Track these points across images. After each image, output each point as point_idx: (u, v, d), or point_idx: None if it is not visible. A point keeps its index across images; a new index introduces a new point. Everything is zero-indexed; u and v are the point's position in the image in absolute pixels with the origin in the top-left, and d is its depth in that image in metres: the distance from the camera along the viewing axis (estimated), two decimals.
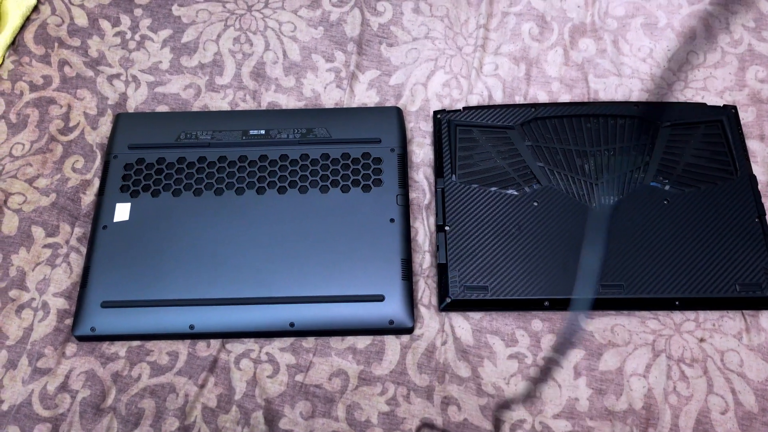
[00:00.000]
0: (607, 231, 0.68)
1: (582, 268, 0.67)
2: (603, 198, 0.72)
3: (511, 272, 0.68)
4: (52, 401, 0.65)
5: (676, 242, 0.69)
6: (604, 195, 0.72)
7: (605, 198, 0.72)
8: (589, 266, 0.66)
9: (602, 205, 0.71)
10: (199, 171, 0.74)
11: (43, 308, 0.69)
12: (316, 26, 0.85)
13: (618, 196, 0.72)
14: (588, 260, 0.66)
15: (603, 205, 0.71)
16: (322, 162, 0.74)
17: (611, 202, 0.71)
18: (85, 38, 0.84)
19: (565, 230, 0.70)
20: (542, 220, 0.71)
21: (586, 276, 0.66)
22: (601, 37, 0.84)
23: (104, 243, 0.70)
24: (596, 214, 0.66)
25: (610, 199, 0.72)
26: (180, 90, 0.82)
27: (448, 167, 0.74)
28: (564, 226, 0.70)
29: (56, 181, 0.75)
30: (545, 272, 0.68)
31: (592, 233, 0.66)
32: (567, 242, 0.69)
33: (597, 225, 0.64)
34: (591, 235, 0.66)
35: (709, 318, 0.68)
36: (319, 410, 0.64)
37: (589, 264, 0.66)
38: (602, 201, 0.71)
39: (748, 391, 0.64)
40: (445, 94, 0.81)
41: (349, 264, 0.68)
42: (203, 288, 0.67)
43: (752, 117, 0.78)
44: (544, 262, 0.69)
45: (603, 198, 0.72)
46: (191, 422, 0.64)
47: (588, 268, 0.66)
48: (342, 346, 0.67)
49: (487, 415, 0.64)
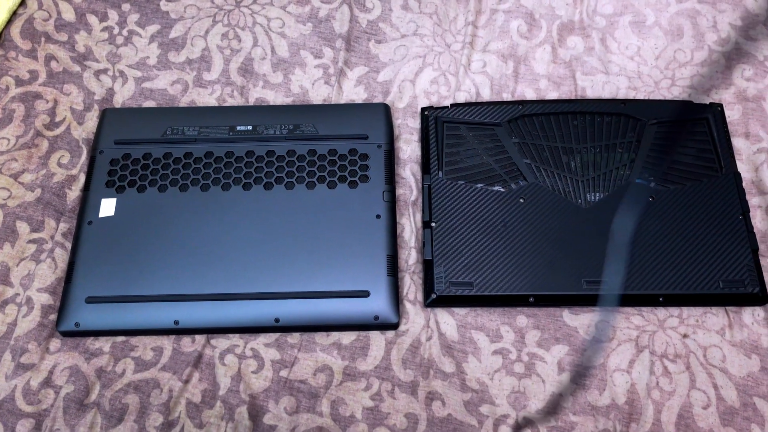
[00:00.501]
0: (633, 236, 0.68)
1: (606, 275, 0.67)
2: (589, 195, 0.72)
3: (496, 268, 0.68)
4: (35, 397, 0.64)
5: (660, 239, 0.69)
6: (590, 191, 0.72)
7: (591, 195, 0.72)
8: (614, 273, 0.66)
9: (588, 201, 0.71)
10: (186, 166, 0.74)
11: (27, 303, 0.68)
12: (305, 22, 0.85)
13: (604, 193, 0.72)
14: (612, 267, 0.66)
15: (589, 201, 0.71)
16: (309, 158, 0.74)
17: (597, 199, 0.72)
18: (72, 33, 0.84)
19: (551, 227, 0.70)
20: (528, 216, 0.71)
21: (612, 282, 0.66)
22: (589, 34, 0.84)
23: (89, 238, 0.70)
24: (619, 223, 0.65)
25: (596, 196, 0.72)
26: (167, 85, 0.81)
27: (435, 164, 0.74)
28: (550, 222, 0.71)
29: (42, 177, 0.75)
30: (530, 268, 0.68)
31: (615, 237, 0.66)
32: (552, 239, 0.70)
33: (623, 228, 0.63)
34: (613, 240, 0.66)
35: (692, 314, 0.68)
36: (303, 405, 0.64)
37: (615, 271, 0.66)
38: (588, 198, 0.72)
39: (730, 387, 0.65)
40: (433, 91, 0.81)
41: (334, 260, 0.68)
42: (188, 283, 0.67)
43: (738, 115, 0.79)
44: (529, 258, 0.69)
45: (589, 195, 0.72)
46: (175, 417, 0.64)
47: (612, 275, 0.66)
48: (327, 341, 0.67)
49: (471, 410, 0.64)
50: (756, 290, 0.67)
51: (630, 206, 0.70)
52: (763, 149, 0.76)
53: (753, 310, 0.68)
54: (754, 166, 0.75)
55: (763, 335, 0.67)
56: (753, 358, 0.66)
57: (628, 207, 0.69)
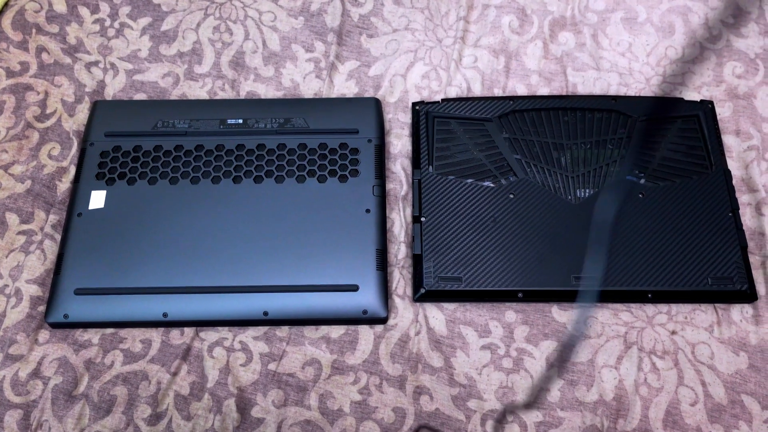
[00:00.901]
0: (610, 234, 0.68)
1: (586, 271, 0.67)
2: (578, 191, 0.72)
3: (485, 264, 0.69)
4: (23, 387, 0.64)
5: (649, 235, 0.70)
6: (580, 188, 0.72)
7: (581, 191, 0.72)
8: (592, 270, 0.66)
9: (578, 197, 0.71)
10: (176, 159, 0.74)
11: (16, 295, 0.68)
12: (297, 16, 0.85)
13: (594, 189, 0.72)
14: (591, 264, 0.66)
15: (579, 197, 0.71)
16: (299, 152, 0.74)
17: (586, 195, 0.72)
18: (64, 25, 0.84)
19: (541, 222, 0.70)
20: (518, 212, 0.71)
21: (590, 279, 0.66)
22: (581, 30, 0.84)
23: (79, 230, 0.70)
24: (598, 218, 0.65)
25: (586, 192, 0.72)
26: (158, 78, 0.81)
27: (425, 158, 0.74)
28: (539, 218, 0.71)
29: (32, 168, 0.75)
30: (520, 264, 0.68)
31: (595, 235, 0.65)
32: (542, 234, 0.70)
33: (601, 225, 0.63)
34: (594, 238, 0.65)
35: (681, 311, 0.69)
36: (291, 399, 0.64)
37: (593, 269, 0.66)
38: (578, 194, 0.72)
39: (718, 384, 0.65)
40: (424, 85, 0.81)
41: (324, 254, 0.68)
42: (177, 276, 0.67)
43: (729, 112, 0.79)
44: (518, 254, 0.69)
45: (578, 191, 0.72)
46: (163, 410, 0.64)
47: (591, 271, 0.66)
48: (316, 335, 0.67)
49: (459, 405, 0.64)
50: (744, 287, 0.67)
51: (617, 201, 0.70)
52: (754, 147, 0.76)
53: (742, 307, 0.69)
54: (744, 163, 0.76)
55: (751, 332, 0.67)
56: (741, 356, 0.66)
57: (613, 200, 0.68)
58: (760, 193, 0.74)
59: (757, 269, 0.70)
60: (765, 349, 0.67)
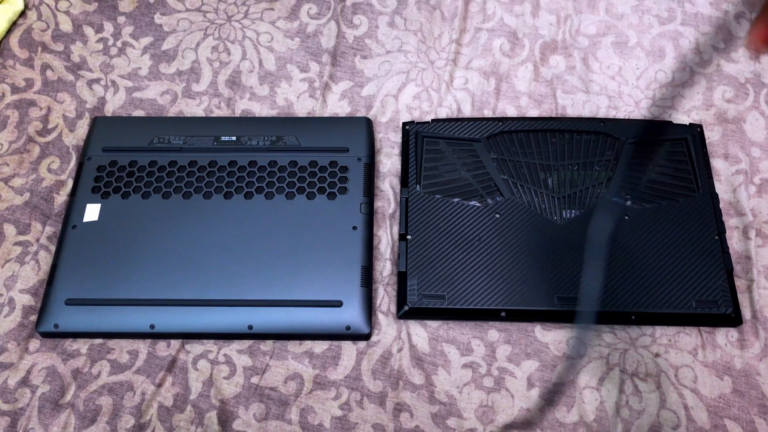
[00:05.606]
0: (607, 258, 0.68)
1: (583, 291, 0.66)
2: (564, 212, 0.72)
3: (469, 282, 0.69)
4: (12, 395, 0.66)
5: (635, 257, 0.70)
6: (566, 208, 0.73)
7: (567, 212, 0.72)
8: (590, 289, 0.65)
9: (563, 218, 0.72)
10: (170, 174, 0.75)
11: (9, 304, 0.70)
12: (293, 37, 0.87)
13: (579, 210, 0.72)
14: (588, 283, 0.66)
15: (564, 218, 0.72)
16: (290, 169, 0.76)
17: (572, 215, 0.72)
18: (69, 43, 0.87)
19: (526, 242, 0.71)
20: (503, 231, 0.72)
21: (588, 300, 0.65)
22: (572, 54, 0.85)
23: (72, 242, 0.71)
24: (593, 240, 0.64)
25: (572, 213, 0.72)
26: (157, 95, 0.84)
27: (414, 177, 0.75)
28: (525, 238, 0.71)
29: (31, 181, 0.77)
30: (503, 283, 0.69)
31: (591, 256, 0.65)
32: (527, 254, 0.70)
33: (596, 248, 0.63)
34: (590, 257, 0.65)
35: (665, 333, 0.68)
36: (272, 413, 0.65)
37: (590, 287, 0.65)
38: (563, 214, 0.72)
39: (701, 408, 0.65)
40: (416, 106, 0.82)
41: (309, 269, 0.69)
42: (165, 289, 0.69)
43: (718, 136, 0.79)
44: (502, 273, 0.69)
45: (564, 212, 0.72)
46: (147, 420, 0.65)
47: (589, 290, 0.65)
48: (299, 350, 0.68)
49: (438, 423, 0.64)
50: (729, 311, 0.67)
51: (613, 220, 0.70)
52: (742, 170, 0.76)
53: (726, 331, 0.68)
54: (732, 187, 0.76)
55: (735, 356, 0.67)
56: (725, 380, 0.66)
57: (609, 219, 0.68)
58: (748, 216, 0.74)
59: (743, 293, 0.70)
60: (749, 373, 0.66)
